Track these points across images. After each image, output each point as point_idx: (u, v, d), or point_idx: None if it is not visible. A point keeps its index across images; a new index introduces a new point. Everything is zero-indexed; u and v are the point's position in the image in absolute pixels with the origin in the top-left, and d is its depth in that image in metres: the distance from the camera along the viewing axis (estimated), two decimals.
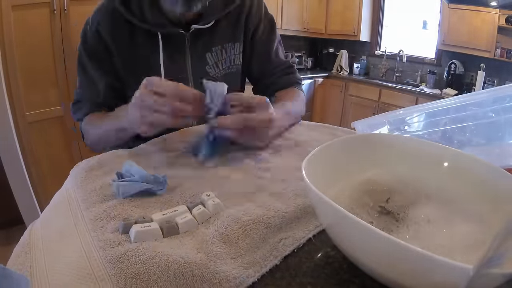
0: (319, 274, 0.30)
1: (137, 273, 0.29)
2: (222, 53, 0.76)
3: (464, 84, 3.03)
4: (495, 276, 0.21)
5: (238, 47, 0.78)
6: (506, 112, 0.45)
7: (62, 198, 0.44)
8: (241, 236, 0.35)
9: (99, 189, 0.44)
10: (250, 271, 0.30)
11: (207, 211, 0.38)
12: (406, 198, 0.38)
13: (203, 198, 0.40)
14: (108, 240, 0.33)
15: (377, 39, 3.81)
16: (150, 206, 0.40)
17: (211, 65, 0.76)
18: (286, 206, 0.40)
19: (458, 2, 2.81)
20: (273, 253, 0.33)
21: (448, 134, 0.49)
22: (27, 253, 0.33)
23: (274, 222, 0.37)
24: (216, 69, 0.77)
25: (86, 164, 0.52)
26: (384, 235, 0.22)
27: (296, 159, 0.54)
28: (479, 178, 0.36)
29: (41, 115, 1.79)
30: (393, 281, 0.26)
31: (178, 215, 0.37)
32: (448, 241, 0.31)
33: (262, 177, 0.48)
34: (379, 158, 0.41)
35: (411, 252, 0.22)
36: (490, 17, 2.67)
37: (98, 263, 0.30)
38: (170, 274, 0.29)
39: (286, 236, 0.35)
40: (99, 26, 0.69)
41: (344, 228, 0.27)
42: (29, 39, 1.67)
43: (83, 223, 0.37)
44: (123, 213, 0.38)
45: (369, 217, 0.35)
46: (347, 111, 3.66)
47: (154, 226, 0.34)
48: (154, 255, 0.31)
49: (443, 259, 0.20)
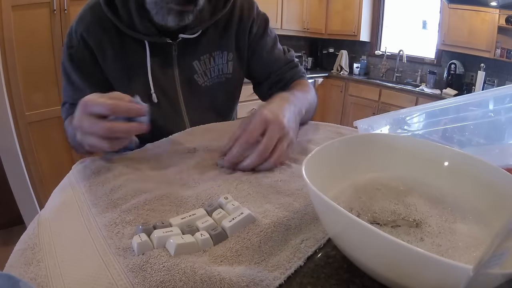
0: (319, 274, 0.30)
1: (162, 281, 0.27)
2: (210, 62, 0.75)
3: (464, 84, 3.03)
4: (495, 276, 0.21)
5: (226, 56, 0.77)
6: (506, 112, 0.45)
7: (70, 200, 0.42)
8: (263, 239, 0.34)
9: (109, 193, 0.42)
10: (276, 273, 0.30)
11: (228, 215, 0.37)
12: (406, 198, 0.38)
13: (221, 201, 0.39)
14: (127, 247, 0.32)
15: (377, 39, 3.81)
16: (166, 209, 0.39)
17: (199, 73, 0.75)
18: (305, 207, 0.40)
19: (458, 2, 2.81)
20: (296, 254, 0.32)
21: (448, 133, 0.49)
22: (40, 261, 0.32)
23: (294, 223, 0.37)
24: (204, 77, 0.76)
25: (92, 164, 0.50)
26: (384, 235, 0.22)
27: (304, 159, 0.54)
28: (479, 178, 0.36)
29: (41, 115, 1.79)
30: (393, 281, 0.26)
31: (197, 219, 0.36)
32: (448, 241, 0.31)
33: (276, 178, 0.47)
34: (379, 158, 0.41)
35: (411, 252, 0.22)
36: (490, 17, 2.67)
37: (119, 272, 0.29)
38: (196, 280, 0.28)
39: (307, 237, 0.35)
40: (84, 34, 0.66)
41: (344, 228, 0.27)
42: (29, 39, 1.67)
43: (97, 229, 0.35)
44: (138, 218, 0.37)
45: (369, 217, 0.35)
46: (347, 111, 3.66)
47: (176, 231, 0.33)
48: (179, 262, 0.29)
49: (443, 259, 0.20)
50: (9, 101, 1.64)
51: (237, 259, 0.31)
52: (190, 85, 0.75)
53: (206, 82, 0.76)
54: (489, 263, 0.19)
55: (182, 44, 0.71)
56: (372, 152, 0.42)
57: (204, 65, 0.75)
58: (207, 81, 0.76)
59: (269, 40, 0.82)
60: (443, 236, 0.32)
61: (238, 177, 0.47)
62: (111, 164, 0.51)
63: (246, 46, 0.80)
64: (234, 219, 0.35)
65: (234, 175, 0.48)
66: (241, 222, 0.35)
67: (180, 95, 0.75)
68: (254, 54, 0.81)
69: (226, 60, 0.78)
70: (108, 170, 0.49)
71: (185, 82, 0.74)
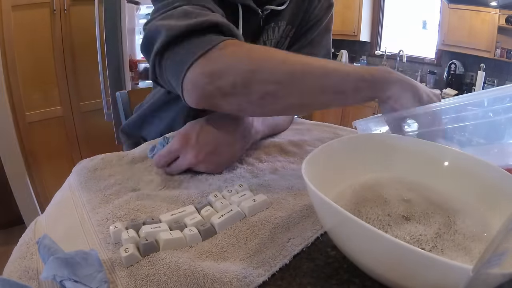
0: (319, 274, 0.30)
1: (147, 274, 0.29)
2: (274, 32, 0.70)
3: (464, 84, 3.03)
4: (495, 276, 0.21)
5: (289, 31, 0.72)
6: (506, 112, 0.45)
7: (66, 197, 0.44)
8: (250, 236, 0.35)
9: (103, 189, 0.44)
10: (260, 270, 0.30)
11: (216, 212, 0.38)
12: (406, 198, 0.38)
13: (210, 199, 0.40)
14: (116, 242, 0.33)
15: (377, 39, 3.80)
16: (156, 205, 0.40)
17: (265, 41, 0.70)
18: (293, 206, 0.40)
19: (458, 2, 2.80)
20: (282, 252, 0.33)
21: (448, 134, 0.49)
22: (34, 254, 0.33)
23: (282, 222, 0.37)
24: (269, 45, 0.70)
25: (89, 163, 0.51)
26: (384, 235, 0.22)
27: (298, 159, 0.54)
28: (479, 178, 0.36)
29: (41, 115, 1.79)
30: (393, 281, 0.26)
31: (187, 216, 0.37)
32: (447, 241, 0.31)
33: (267, 178, 0.47)
34: (379, 158, 0.41)
35: (411, 252, 0.22)
36: (490, 17, 2.66)
37: (107, 265, 0.30)
38: (180, 274, 0.29)
39: (294, 236, 0.35)
40: None
41: (344, 228, 0.27)
42: (29, 39, 1.67)
43: (90, 224, 0.37)
44: (129, 214, 0.38)
45: (369, 217, 0.35)
46: (347, 111, 3.65)
47: (163, 227, 0.34)
48: (164, 257, 0.31)
49: (443, 259, 0.20)
50: (9, 101, 1.64)
51: (223, 255, 0.32)
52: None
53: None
54: (489, 263, 0.19)
55: (268, 14, 0.67)
56: (372, 152, 0.42)
57: (271, 34, 0.70)
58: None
59: (321, 29, 0.77)
60: (442, 236, 0.32)
61: (229, 177, 0.48)
62: (107, 162, 0.52)
63: (303, 23, 0.75)
64: (223, 216, 0.36)
65: (225, 175, 0.48)
66: (229, 218, 0.36)
67: None
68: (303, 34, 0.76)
69: (286, 34, 0.73)
70: (104, 167, 0.50)
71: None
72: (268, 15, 0.67)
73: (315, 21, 0.75)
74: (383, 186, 0.39)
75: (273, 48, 0.53)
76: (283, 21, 0.70)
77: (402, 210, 0.36)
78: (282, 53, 0.47)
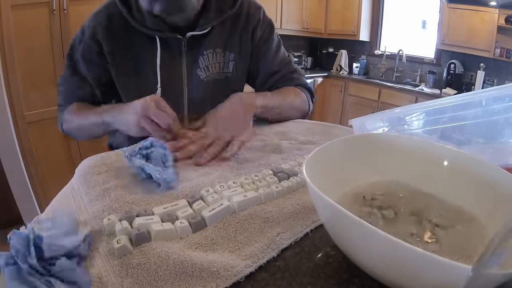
0: (319, 274, 0.30)
1: (139, 263, 0.30)
2: (213, 57, 0.77)
3: (464, 83, 3.03)
4: (495, 276, 0.21)
5: (228, 55, 0.79)
6: (505, 111, 0.45)
7: (66, 192, 0.46)
8: (239, 230, 0.36)
9: (101, 183, 0.45)
10: (248, 261, 0.31)
11: (207, 206, 0.39)
12: (406, 198, 0.38)
13: (202, 193, 0.42)
14: (110, 233, 0.35)
15: (376, 39, 3.80)
16: (151, 199, 0.42)
17: (201, 68, 0.77)
18: (284, 202, 0.41)
19: (458, 2, 2.81)
20: (270, 246, 0.33)
21: (447, 133, 0.49)
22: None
23: (271, 216, 0.38)
24: (206, 72, 0.78)
25: (89, 160, 0.54)
26: (384, 235, 0.22)
27: (290, 156, 0.55)
28: (479, 178, 0.36)
29: (40, 115, 1.78)
30: (393, 281, 0.26)
31: (179, 209, 0.38)
32: (447, 241, 0.31)
33: (258, 174, 0.48)
34: (379, 157, 0.41)
35: (411, 252, 0.22)
36: (489, 16, 2.66)
37: (101, 254, 0.32)
38: (169, 264, 0.30)
39: (284, 230, 0.36)
40: (97, 28, 0.71)
41: (345, 228, 0.27)
42: (28, 39, 1.67)
43: (87, 216, 0.38)
44: (124, 206, 0.40)
45: (369, 217, 0.35)
46: (346, 111, 3.65)
47: (156, 219, 0.35)
48: (155, 247, 0.32)
49: (443, 259, 0.20)
50: (9, 101, 1.64)
51: (212, 247, 0.33)
52: (194, 79, 0.77)
53: (207, 76, 0.78)
54: (489, 263, 0.19)
55: (191, 41, 0.74)
56: (372, 152, 0.42)
57: (207, 60, 0.77)
58: (208, 76, 0.78)
59: (273, 47, 0.83)
60: (442, 235, 0.32)
61: (222, 174, 0.49)
62: (106, 159, 0.54)
63: (249, 49, 0.81)
64: (214, 210, 0.37)
65: (219, 172, 0.50)
66: (220, 212, 0.37)
67: (185, 88, 0.77)
68: (256, 59, 0.83)
69: (227, 59, 0.79)
70: (102, 164, 0.52)
71: (190, 77, 0.77)
72: (196, 43, 0.75)
73: (262, 42, 0.83)
74: (382, 186, 0.39)
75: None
76: (218, 48, 0.78)
77: (401, 210, 0.36)
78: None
